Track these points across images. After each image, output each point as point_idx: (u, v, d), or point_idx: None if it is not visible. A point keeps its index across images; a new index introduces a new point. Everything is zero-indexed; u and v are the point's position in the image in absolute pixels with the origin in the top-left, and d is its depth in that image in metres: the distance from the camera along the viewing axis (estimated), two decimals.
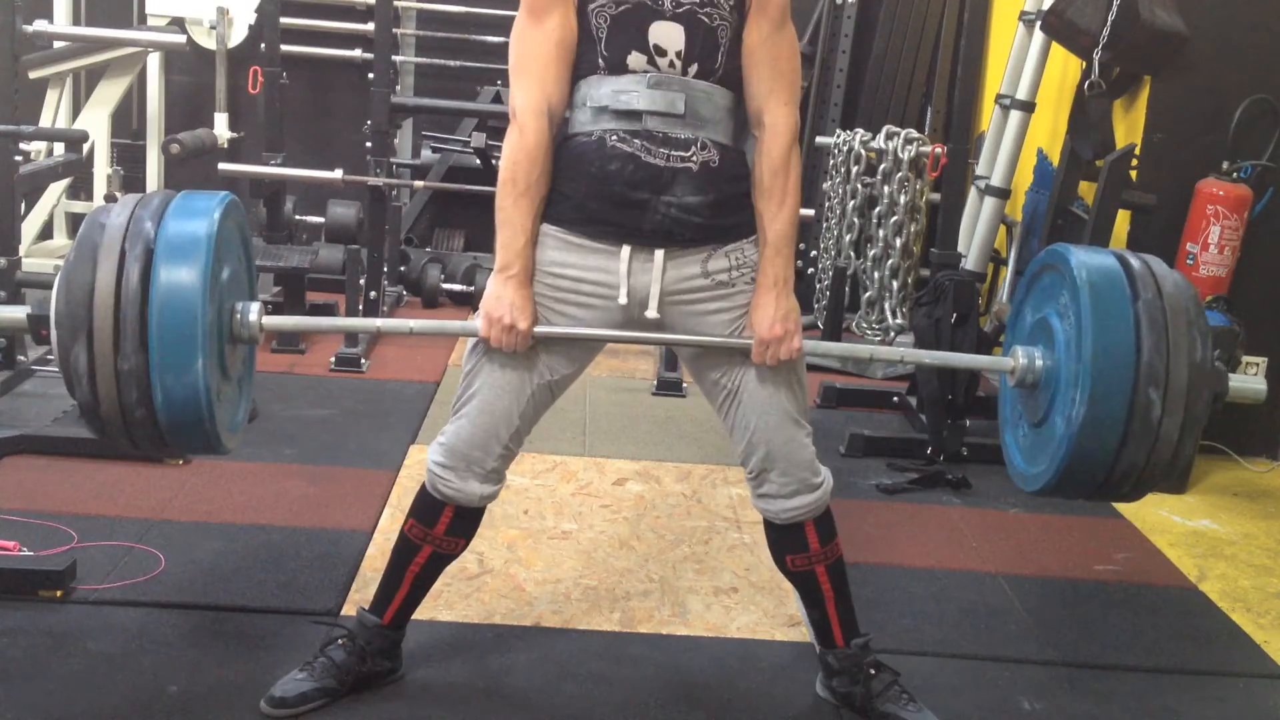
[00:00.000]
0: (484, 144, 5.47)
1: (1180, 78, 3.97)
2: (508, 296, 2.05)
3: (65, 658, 2.33)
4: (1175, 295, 1.99)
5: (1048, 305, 2.14)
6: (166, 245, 1.88)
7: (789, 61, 2.11)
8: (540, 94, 2.03)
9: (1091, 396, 1.93)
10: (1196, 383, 1.95)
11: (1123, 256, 2.07)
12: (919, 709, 2.29)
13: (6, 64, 3.78)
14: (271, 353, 4.46)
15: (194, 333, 1.86)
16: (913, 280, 5.05)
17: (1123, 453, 1.97)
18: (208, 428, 1.94)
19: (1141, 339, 1.94)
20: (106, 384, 1.87)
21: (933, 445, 3.77)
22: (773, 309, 2.09)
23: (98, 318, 1.85)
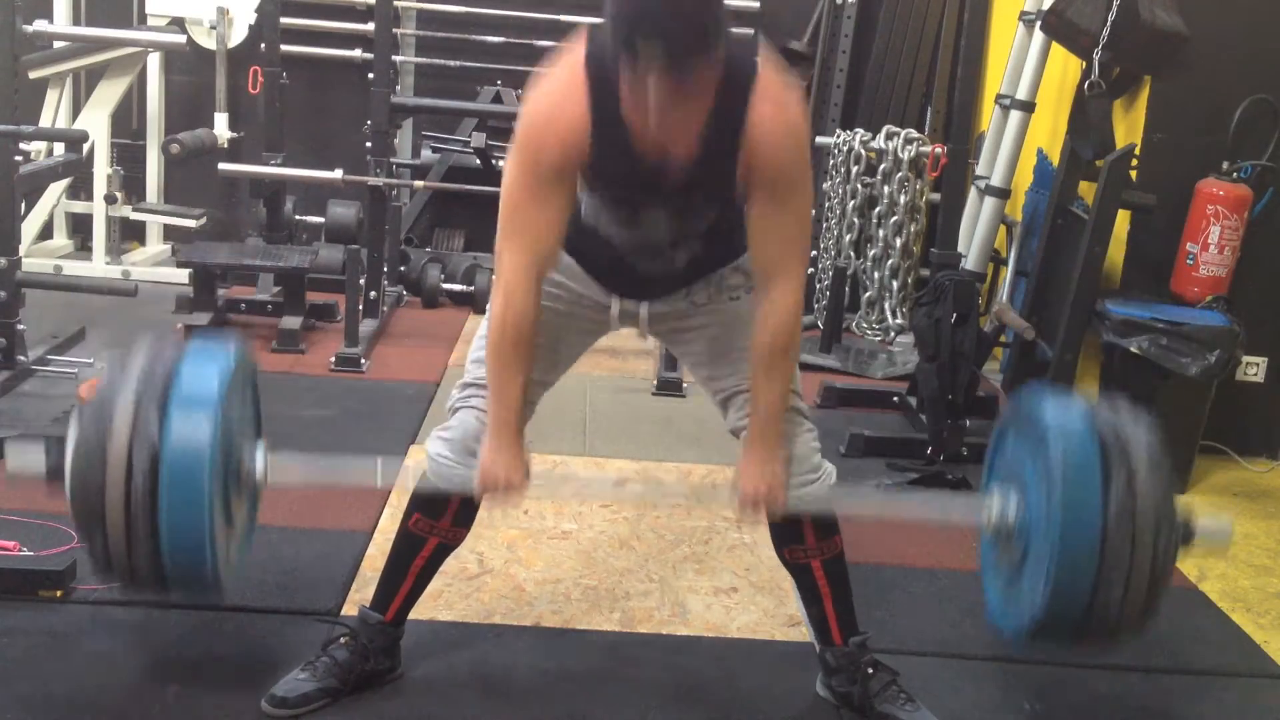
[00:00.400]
0: (484, 144, 5.47)
1: (1180, 78, 3.97)
2: (502, 460, 2.09)
3: (65, 658, 2.33)
4: (1147, 476, 2.00)
5: (1023, 454, 2.16)
6: (170, 467, 1.91)
7: (796, 232, 2.07)
8: (531, 258, 2.02)
9: (1054, 586, 2.00)
10: (1161, 569, 2.01)
11: (1098, 426, 2.06)
12: (917, 708, 2.29)
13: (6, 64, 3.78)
14: (271, 352, 4.46)
15: (203, 542, 1.93)
16: (913, 280, 5.05)
17: (1087, 627, 2.05)
18: (211, 588, 2.02)
19: (1109, 531, 1.97)
20: (119, 559, 1.95)
21: (933, 445, 3.77)
22: (759, 470, 2.14)
23: (110, 528, 1.91)
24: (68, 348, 4.29)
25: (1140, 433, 2.07)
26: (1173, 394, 3.73)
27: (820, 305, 5.20)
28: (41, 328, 4.33)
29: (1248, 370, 4.08)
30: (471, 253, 5.79)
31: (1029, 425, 2.14)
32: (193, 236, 5.44)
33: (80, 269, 5.34)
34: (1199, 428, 3.82)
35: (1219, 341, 3.62)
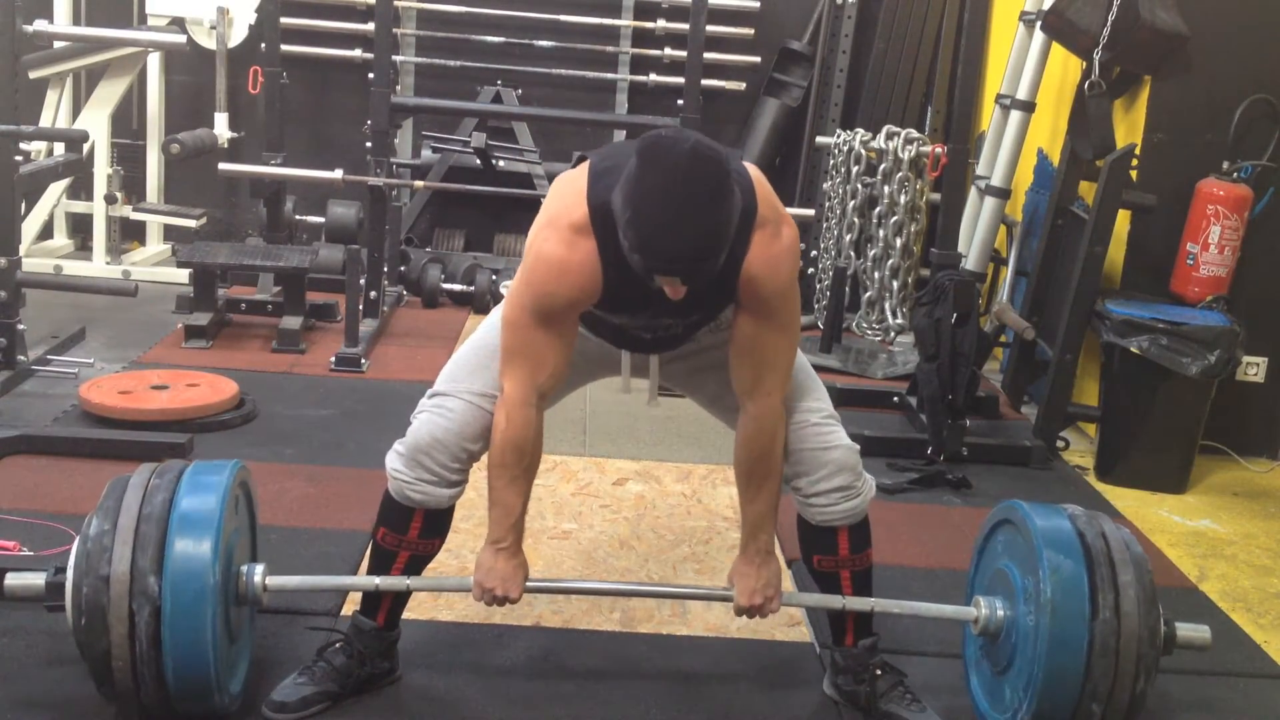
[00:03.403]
0: (484, 144, 5.47)
1: (1180, 78, 3.97)
2: (499, 570, 2.14)
3: (65, 658, 2.33)
4: (1133, 612, 2.06)
5: (1011, 559, 2.22)
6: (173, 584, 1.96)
7: (780, 356, 2.09)
8: (531, 387, 2.06)
9: (1037, 711, 2.08)
10: (1140, 692, 2.08)
11: (1086, 547, 2.11)
12: (922, 709, 2.30)
13: (6, 64, 3.78)
14: (272, 352, 4.47)
15: (209, 676, 2.00)
16: (913, 280, 5.05)
17: None
18: (218, 709, 2.08)
19: (1093, 659, 2.05)
20: (130, 708, 2.03)
21: (933, 445, 3.77)
22: (754, 581, 2.20)
23: (118, 671, 1.98)
24: (68, 348, 4.29)
25: (1126, 546, 2.13)
26: (1173, 394, 3.73)
27: (820, 305, 5.20)
28: (41, 328, 4.34)
29: (1248, 370, 4.08)
30: (471, 253, 5.79)
31: (1019, 533, 2.19)
32: (193, 236, 5.45)
33: (80, 269, 5.34)
34: (1199, 428, 3.82)
35: (1219, 341, 3.62)
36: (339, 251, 5.05)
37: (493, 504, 2.13)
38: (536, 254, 1.99)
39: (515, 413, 2.05)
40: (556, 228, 1.97)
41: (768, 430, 2.11)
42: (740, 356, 2.08)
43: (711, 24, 5.35)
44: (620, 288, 1.97)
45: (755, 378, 2.08)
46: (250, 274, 5.00)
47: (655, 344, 2.21)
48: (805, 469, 2.21)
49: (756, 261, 1.97)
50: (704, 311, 2.09)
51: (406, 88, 5.99)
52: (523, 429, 2.06)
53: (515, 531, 2.14)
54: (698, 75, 4.88)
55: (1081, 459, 4.00)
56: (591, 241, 1.95)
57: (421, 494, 2.18)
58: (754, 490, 2.16)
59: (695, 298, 1.93)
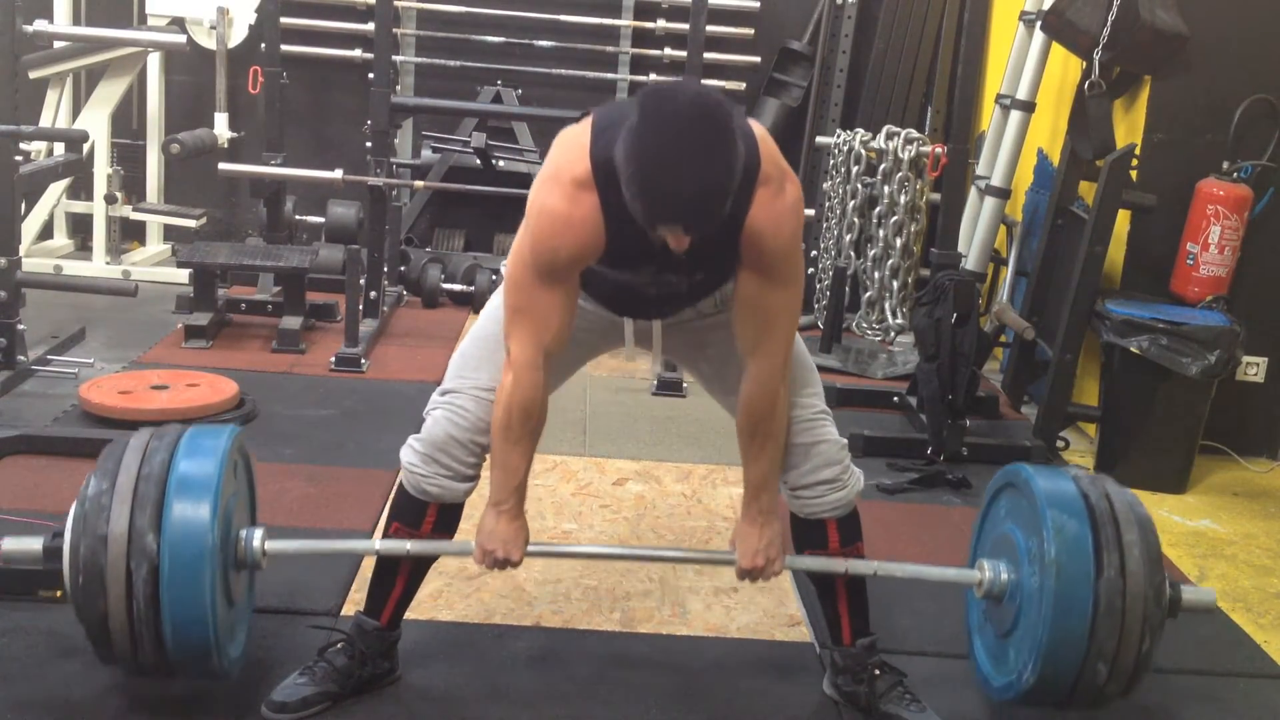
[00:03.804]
0: (484, 144, 5.47)
1: (1180, 78, 3.97)
2: (500, 532, 2.13)
3: (65, 658, 2.33)
4: (1139, 571, 2.05)
5: (1015, 523, 2.20)
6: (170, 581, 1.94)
7: (783, 315, 2.07)
8: (538, 348, 2.04)
9: (1041, 671, 2.07)
10: (1145, 652, 2.07)
11: (1090, 508, 2.09)
12: (922, 709, 2.29)
13: (6, 64, 3.79)
14: (272, 352, 4.47)
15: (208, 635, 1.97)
16: (913, 280, 5.05)
17: (1071, 702, 2.13)
18: (218, 673, 2.07)
19: (1098, 619, 2.03)
20: (128, 666, 2.01)
21: (933, 445, 3.77)
22: (756, 541, 2.19)
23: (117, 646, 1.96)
24: (68, 348, 4.29)
25: (1131, 506, 2.12)
26: (1173, 394, 3.73)
27: (820, 305, 5.20)
28: (41, 328, 4.34)
29: (1248, 370, 4.08)
30: (471, 253, 5.79)
31: (1023, 496, 2.18)
32: (193, 236, 5.45)
33: (80, 269, 5.34)
34: (1199, 428, 3.82)
35: (1219, 341, 3.62)
36: (339, 251, 5.05)
37: (496, 466, 2.11)
38: (539, 209, 1.97)
39: (523, 375, 2.03)
40: (559, 182, 1.95)
41: (770, 390, 2.09)
42: (743, 316, 2.07)
43: (711, 24, 5.35)
44: (623, 243, 1.95)
45: (758, 337, 2.07)
46: (250, 274, 5.00)
47: (660, 301, 2.16)
48: (793, 462, 2.22)
49: (760, 218, 1.94)
50: (707, 270, 2.06)
51: (406, 88, 5.99)
52: (531, 391, 2.04)
53: (517, 494, 2.12)
54: (698, 75, 4.88)
55: (1081, 459, 4.00)
56: (594, 196, 1.93)
57: (439, 488, 2.19)
58: (756, 450, 2.14)
59: (698, 254, 1.92)
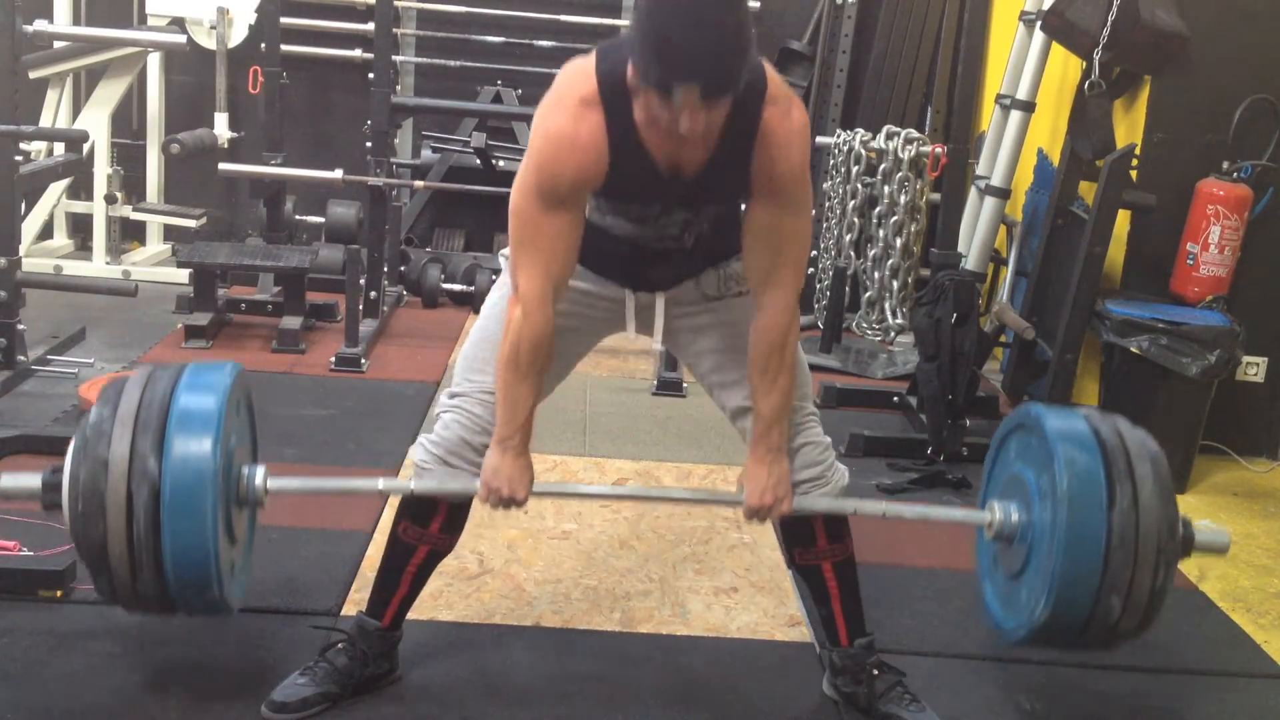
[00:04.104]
0: (484, 144, 5.47)
1: (1180, 78, 3.97)
2: (506, 469, 2.10)
3: (65, 658, 2.33)
4: (1152, 503, 2.02)
5: (1025, 464, 2.17)
6: (171, 504, 1.90)
7: (795, 242, 2.06)
8: (546, 280, 2.02)
9: (1054, 605, 2.02)
10: (1159, 586, 2.03)
11: (1102, 442, 2.06)
12: (922, 709, 2.30)
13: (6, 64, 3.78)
14: (272, 352, 4.46)
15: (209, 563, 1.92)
16: (913, 280, 5.05)
17: (1083, 638, 2.09)
18: (220, 607, 2.01)
19: (1111, 551, 1.99)
20: (127, 598, 1.96)
21: (933, 445, 3.77)
22: (764, 479, 2.15)
23: (115, 570, 1.91)
24: (68, 348, 4.29)
25: (1143, 442, 2.08)
26: (1173, 394, 3.73)
27: (820, 305, 5.20)
28: (41, 328, 4.34)
29: (1248, 370, 4.08)
30: (471, 253, 5.79)
31: (1033, 435, 2.14)
32: (193, 236, 5.45)
33: (80, 269, 5.34)
34: (1199, 428, 3.82)
35: (1219, 341, 3.62)
36: (339, 251, 5.05)
37: (502, 401, 2.08)
38: (542, 132, 1.96)
39: (532, 309, 2.01)
40: (563, 104, 1.95)
41: (782, 322, 2.08)
42: (754, 246, 2.05)
43: None
44: (628, 165, 1.93)
45: (769, 268, 2.05)
46: (250, 274, 5.00)
47: (664, 264, 2.14)
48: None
49: (770, 138, 1.94)
50: (717, 195, 2.04)
51: (406, 88, 5.99)
52: (540, 325, 2.02)
53: (523, 430, 2.09)
54: None
55: None
56: (599, 113, 1.91)
57: (462, 484, 2.18)
58: (767, 385, 2.11)
59: (707, 181, 1.93)
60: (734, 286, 2.18)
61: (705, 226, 2.11)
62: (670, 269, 2.17)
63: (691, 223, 2.10)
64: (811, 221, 2.09)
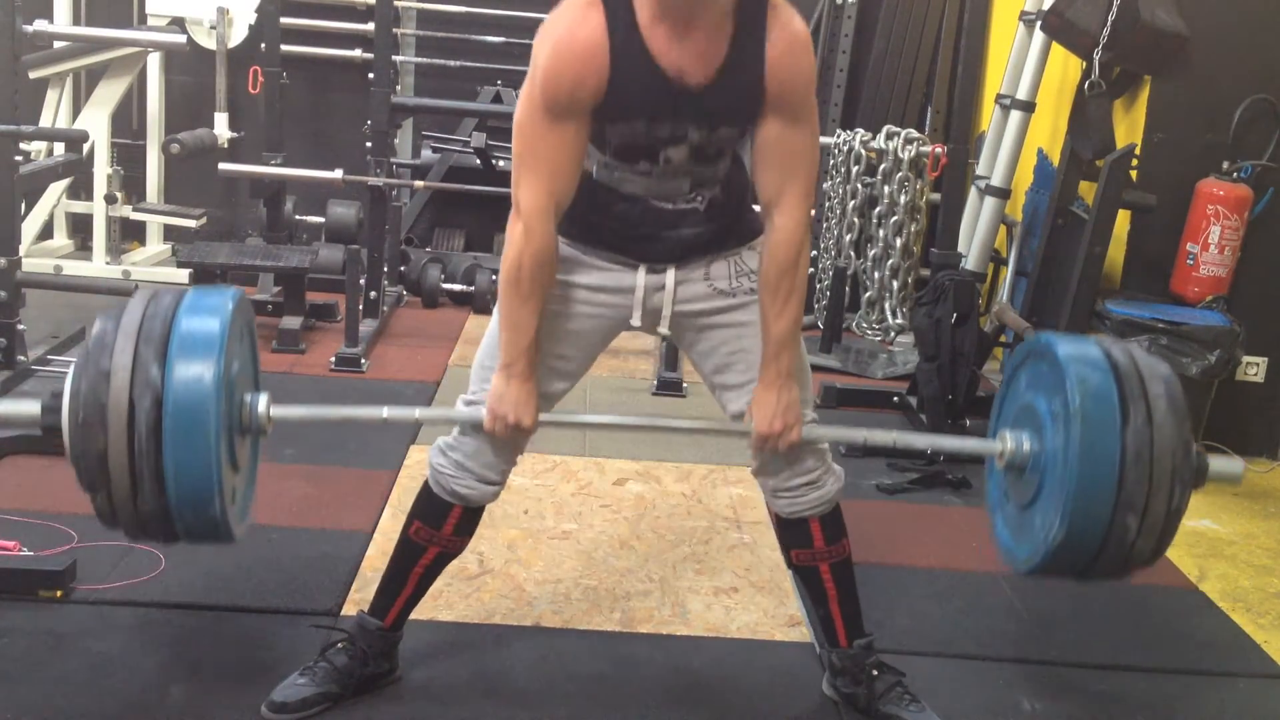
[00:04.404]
0: (484, 144, 5.47)
1: (1180, 78, 3.97)
2: (511, 395, 2.07)
3: (65, 658, 2.33)
4: (1166, 422, 1.99)
5: (1037, 392, 2.14)
6: (176, 374, 1.85)
7: (805, 157, 2.05)
8: (548, 194, 2.00)
9: (1069, 524, 1.97)
10: (1175, 507, 2.00)
11: (1114, 364, 2.04)
12: (922, 709, 2.29)
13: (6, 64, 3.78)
14: (272, 352, 4.46)
15: (211, 476, 1.86)
16: (913, 280, 5.05)
17: (1097, 564, 2.03)
18: (222, 531, 1.95)
19: (1126, 469, 1.95)
20: (126, 515, 1.89)
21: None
22: (774, 404, 2.11)
23: (115, 485, 1.85)
24: (68, 348, 4.29)
25: (1155, 365, 2.06)
26: None
27: (820, 305, 5.20)
28: (41, 328, 4.34)
29: (1248, 370, 4.08)
30: (471, 253, 5.79)
31: (1044, 362, 2.11)
32: (193, 236, 5.45)
33: (80, 269, 5.34)
34: (1199, 428, 3.82)
35: (1219, 341, 3.62)
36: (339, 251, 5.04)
37: (505, 326, 2.07)
38: (544, 41, 1.95)
39: (534, 224, 1.99)
40: (564, 12, 1.94)
41: (794, 241, 2.05)
42: (764, 163, 2.03)
43: None
44: (632, 70, 1.91)
45: (780, 186, 2.04)
46: (250, 274, 5.00)
47: (676, 226, 2.10)
48: (774, 464, 2.21)
49: (778, 44, 1.94)
50: (727, 110, 1.99)
51: (406, 88, 5.99)
52: (542, 241, 2.00)
53: (528, 355, 2.07)
54: None
55: None
56: (600, 14, 1.90)
57: (466, 488, 2.19)
58: (778, 306, 2.09)
59: (717, 97, 1.92)
60: (745, 283, 2.15)
61: (717, 191, 2.09)
62: (682, 237, 2.12)
63: (702, 182, 2.07)
64: (819, 143, 2.08)
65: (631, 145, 2.02)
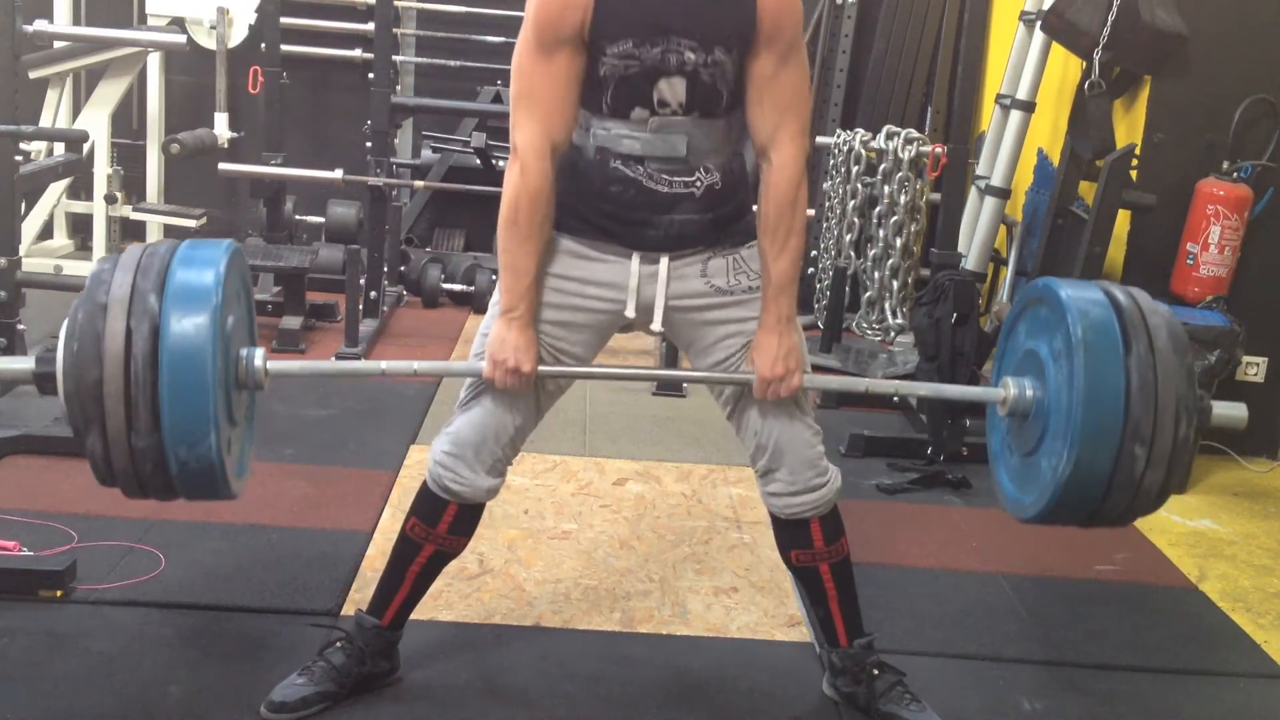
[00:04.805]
0: (484, 144, 5.47)
1: (1180, 78, 3.97)
2: (511, 339, 2.06)
3: (65, 658, 2.33)
4: (1167, 350, 1.99)
5: (1038, 338, 2.14)
6: (173, 306, 1.84)
7: (797, 93, 2.06)
8: (544, 134, 2.01)
9: (1078, 456, 1.96)
10: (1183, 438, 1.98)
11: (1116, 302, 2.04)
12: (922, 709, 2.29)
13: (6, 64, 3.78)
14: (272, 352, 4.46)
15: (207, 407, 1.83)
16: (913, 280, 5.05)
17: (1106, 501, 2.01)
18: (219, 481, 1.91)
19: (1131, 397, 1.95)
20: (121, 456, 1.85)
21: (933, 445, 3.77)
22: (775, 348, 2.10)
23: (109, 416, 1.82)
24: None
25: (1154, 302, 2.06)
26: None
27: (820, 305, 5.20)
28: (41, 328, 4.33)
29: (1248, 370, 4.08)
30: (471, 253, 5.79)
31: (1044, 305, 2.11)
32: (193, 236, 5.44)
33: (80, 269, 5.33)
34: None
35: (1219, 341, 3.62)
36: (339, 251, 5.05)
37: (504, 268, 2.06)
38: None
39: (530, 163, 2.00)
40: None
41: (792, 179, 2.06)
42: (759, 102, 2.04)
43: None
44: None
45: (776, 123, 2.05)
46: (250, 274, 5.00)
47: (671, 210, 2.08)
48: (770, 463, 2.21)
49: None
50: (720, 27, 1.99)
51: (406, 88, 5.99)
52: (539, 180, 2.01)
53: (527, 299, 2.06)
54: None
55: None
56: None
57: (461, 485, 2.18)
58: (779, 246, 2.08)
59: (708, 21, 1.94)
60: (745, 280, 2.14)
61: (716, 177, 2.08)
62: (676, 223, 2.09)
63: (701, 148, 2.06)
64: (809, 83, 2.09)
65: (626, 83, 2.01)
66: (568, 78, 2.00)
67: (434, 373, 2.15)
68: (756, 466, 2.25)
